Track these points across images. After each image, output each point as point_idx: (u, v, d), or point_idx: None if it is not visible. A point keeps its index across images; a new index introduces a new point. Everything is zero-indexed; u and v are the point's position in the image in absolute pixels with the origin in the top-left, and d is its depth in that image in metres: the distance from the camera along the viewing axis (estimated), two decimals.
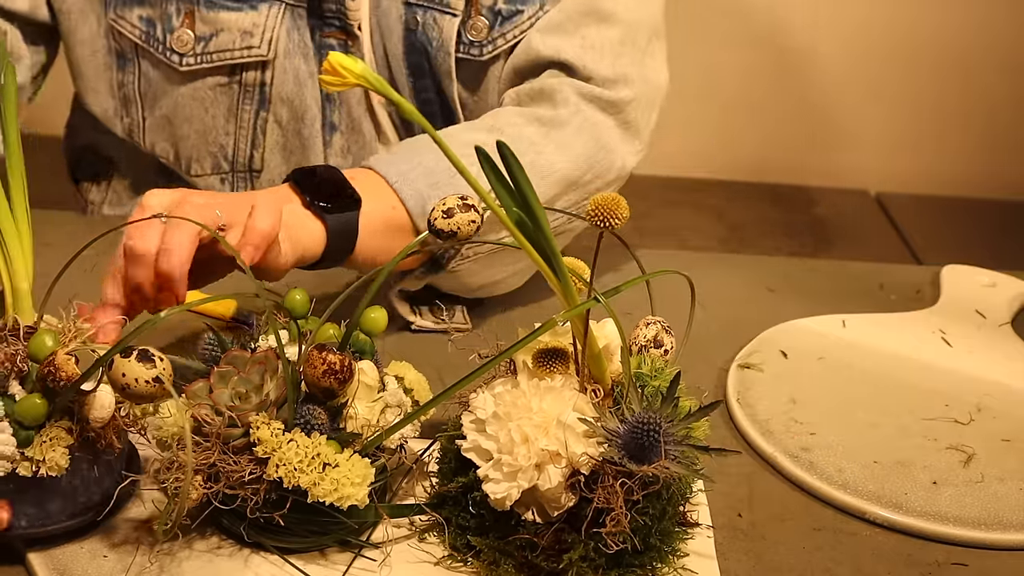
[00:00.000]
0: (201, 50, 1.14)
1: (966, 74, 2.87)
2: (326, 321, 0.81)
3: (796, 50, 2.82)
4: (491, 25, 1.15)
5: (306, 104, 1.16)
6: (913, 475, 0.92)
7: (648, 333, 0.83)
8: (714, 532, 0.83)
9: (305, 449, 0.74)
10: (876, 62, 2.84)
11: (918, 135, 2.92)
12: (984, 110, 2.90)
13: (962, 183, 2.92)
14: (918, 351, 1.09)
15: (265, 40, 1.14)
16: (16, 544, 0.77)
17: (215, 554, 0.77)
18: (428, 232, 0.77)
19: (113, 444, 0.78)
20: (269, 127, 1.17)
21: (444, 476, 0.80)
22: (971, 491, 0.91)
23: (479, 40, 1.15)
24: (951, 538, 0.87)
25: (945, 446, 0.96)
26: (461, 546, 0.79)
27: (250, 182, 1.20)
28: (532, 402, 0.75)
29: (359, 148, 1.19)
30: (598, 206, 0.72)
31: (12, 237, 0.76)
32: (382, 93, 0.64)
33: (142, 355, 0.72)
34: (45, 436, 0.75)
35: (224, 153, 1.19)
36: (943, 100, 2.90)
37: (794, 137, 2.91)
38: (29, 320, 0.78)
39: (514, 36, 1.16)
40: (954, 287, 1.20)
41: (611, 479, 0.73)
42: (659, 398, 0.76)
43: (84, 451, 0.77)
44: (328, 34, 1.15)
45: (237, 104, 1.17)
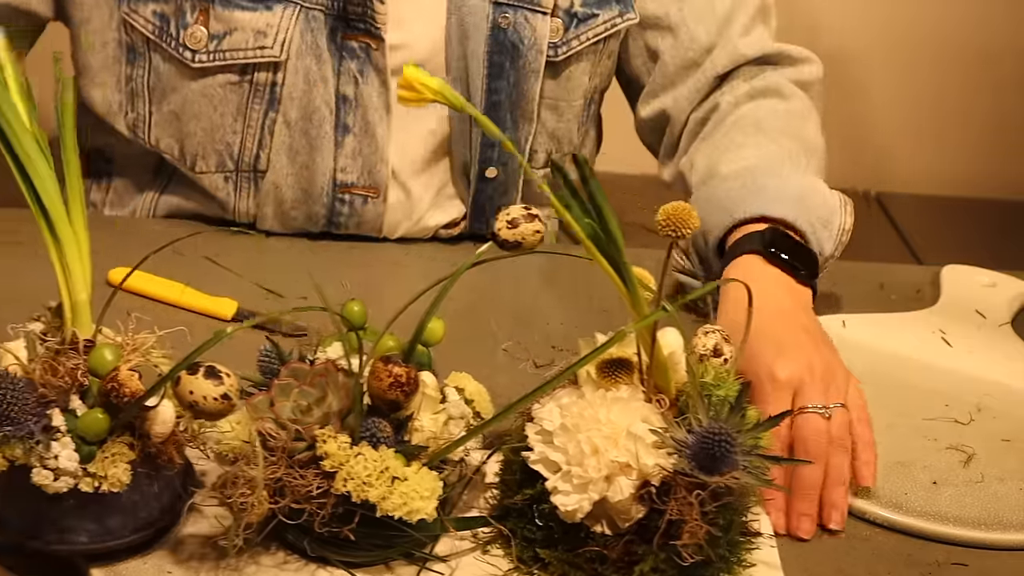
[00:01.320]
0: (214, 48, 1.13)
1: (966, 74, 2.87)
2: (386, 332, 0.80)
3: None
4: (566, 27, 1.19)
5: (315, 105, 1.16)
6: (913, 475, 0.92)
7: (708, 342, 0.82)
8: None
9: (373, 463, 0.74)
10: (876, 62, 2.84)
11: (918, 135, 2.93)
12: (984, 110, 2.91)
13: (962, 183, 2.93)
14: (918, 351, 1.09)
15: (278, 41, 1.13)
16: (78, 560, 0.76)
17: (281, 569, 0.77)
18: (491, 243, 0.76)
19: (174, 459, 0.77)
20: (277, 128, 1.17)
21: (508, 488, 0.80)
22: (971, 491, 0.91)
23: (554, 41, 1.18)
24: (951, 538, 0.87)
25: (945, 446, 0.96)
26: (527, 558, 0.78)
27: (254, 182, 1.20)
28: (600, 413, 0.75)
29: (371, 152, 1.18)
30: (669, 216, 0.71)
31: (71, 248, 0.75)
32: (460, 109, 0.64)
33: (209, 371, 0.71)
34: (107, 452, 0.74)
35: (230, 152, 1.19)
36: (943, 100, 2.90)
37: None
38: (88, 333, 0.77)
39: (587, 39, 1.20)
40: (954, 287, 1.21)
41: (683, 490, 0.73)
42: (725, 407, 0.76)
43: (144, 466, 0.76)
44: (350, 36, 1.15)
45: (246, 103, 1.16)
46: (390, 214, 1.22)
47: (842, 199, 1.12)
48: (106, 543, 0.76)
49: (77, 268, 0.76)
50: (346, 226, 1.22)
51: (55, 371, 0.74)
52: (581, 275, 1.16)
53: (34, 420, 0.72)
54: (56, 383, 0.73)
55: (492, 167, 1.22)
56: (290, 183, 1.18)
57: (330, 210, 1.20)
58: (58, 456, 0.72)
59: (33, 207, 0.74)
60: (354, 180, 1.19)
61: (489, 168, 1.22)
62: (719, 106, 1.22)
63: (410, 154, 1.21)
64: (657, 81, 1.25)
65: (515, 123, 1.20)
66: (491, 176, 1.22)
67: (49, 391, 0.73)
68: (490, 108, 1.19)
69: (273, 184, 1.19)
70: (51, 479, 0.72)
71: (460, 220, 1.26)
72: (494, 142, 1.20)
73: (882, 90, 2.87)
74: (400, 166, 1.21)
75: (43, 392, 0.73)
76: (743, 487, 0.75)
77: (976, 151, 2.94)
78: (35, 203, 0.74)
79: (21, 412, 0.72)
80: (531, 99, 1.20)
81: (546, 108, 1.23)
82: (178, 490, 0.79)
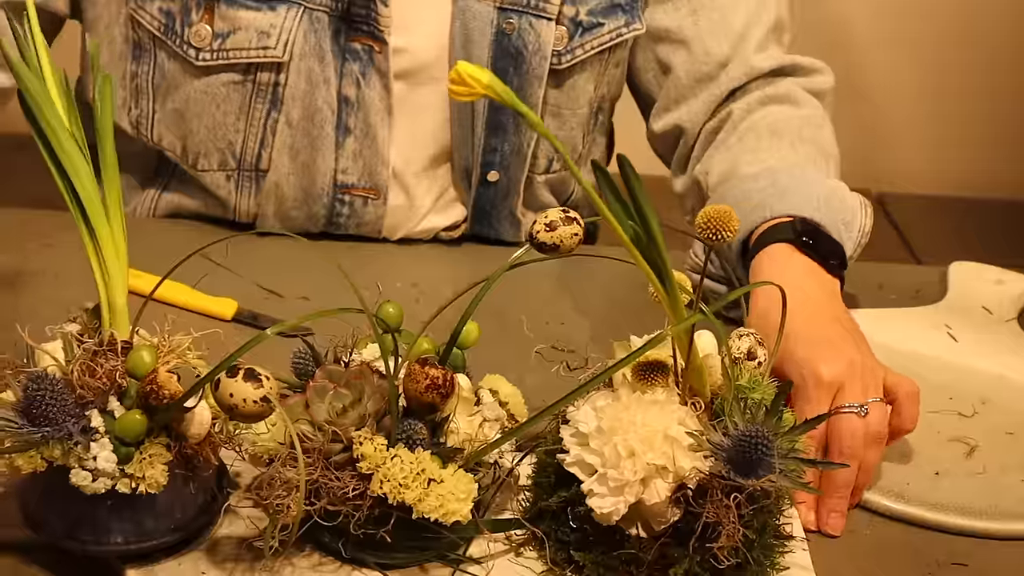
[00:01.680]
0: (218, 46, 1.14)
1: (967, 74, 2.87)
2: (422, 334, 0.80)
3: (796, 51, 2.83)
4: (571, 35, 1.19)
5: (317, 106, 1.16)
6: (915, 466, 0.93)
7: (742, 345, 0.82)
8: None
9: (410, 465, 0.74)
10: (876, 62, 2.84)
11: (918, 135, 2.93)
12: (985, 110, 2.91)
13: (962, 183, 2.93)
14: (924, 345, 1.10)
15: (281, 42, 1.13)
16: (113, 561, 0.76)
17: (316, 571, 0.77)
18: (529, 245, 0.76)
19: (209, 460, 0.78)
20: (279, 128, 1.17)
21: (542, 490, 0.80)
22: (973, 482, 0.92)
23: (558, 49, 1.18)
24: (951, 527, 0.88)
25: (948, 438, 0.97)
26: (561, 560, 0.78)
27: (256, 181, 1.20)
28: (636, 416, 0.75)
29: (372, 155, 1.19)
30: (710, 219, 0.72)
31: (110, 251, 0.75)
32: (509, 104, 0.64)
33: (249, 374, 0.71)
34: (145, 453, 0.74)
35: (232, 150, 1.19)
36: (944, 100, 2.90)
37: None
38: (125, 335, 0.77)
39: (592, 48, 1.20)
40: (961, 283, 1.21)
41: (719, 493, 0.73)
42: (761, 410, 0.76)
43: (180, 468, 0.76)
44: (355, 39, 1.15)
45: (249, 103, 1.16)
46: (390, 216, 1.22)
47: (862, 202, 1.13)
48: (142, 544, 0.76)
49: (115, 269, 0.76)
50: (346, 227, 1.22)
51: (93, 372, 0.74)
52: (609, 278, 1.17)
53: (72, 421, 0.72)
54: (94, 384, 0.74)
55: (494, 171, 1.22)
56: (291, 183, 1.19)
57: (330, 210, 1.20)
58: (96, 457, 0.73)
59: (72, 207, 0.74)
60: (355, 181, 1.19)
61: (491, 172, 1.22)
62: (732, 113, 1.22)
63: (412, 157, 1.21)
64: (670, 95, 1.25)
65: (517, 128, 1.20)
66: (493, 180, 1.22)
67: (87, 392, 0.73)
68: (493, 112, 1.19)
69: (274, 183, 1.19)
70: (89, 480, 0.73)
71: (461, 223, 1.26)
72: (496, 146, 1.20)
73: (882, 90, 2.88)
74: (402, 169, 1.21)
75: (81, 393, 0.73)
76: (779, 490, 0.75)
77: (976, 151, 2.95)
78: (74, 204, 0.74)
79: (59, 413, 0.72)
80: (533, 105, 1.19)
81: (549, 115, 1.23)
82: (213, 491, 0.79)
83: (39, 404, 0.72)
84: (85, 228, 0.74)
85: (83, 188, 0.74)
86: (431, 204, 1.24)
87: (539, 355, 0.85)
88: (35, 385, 0.72)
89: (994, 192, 2.93)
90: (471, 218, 1.26)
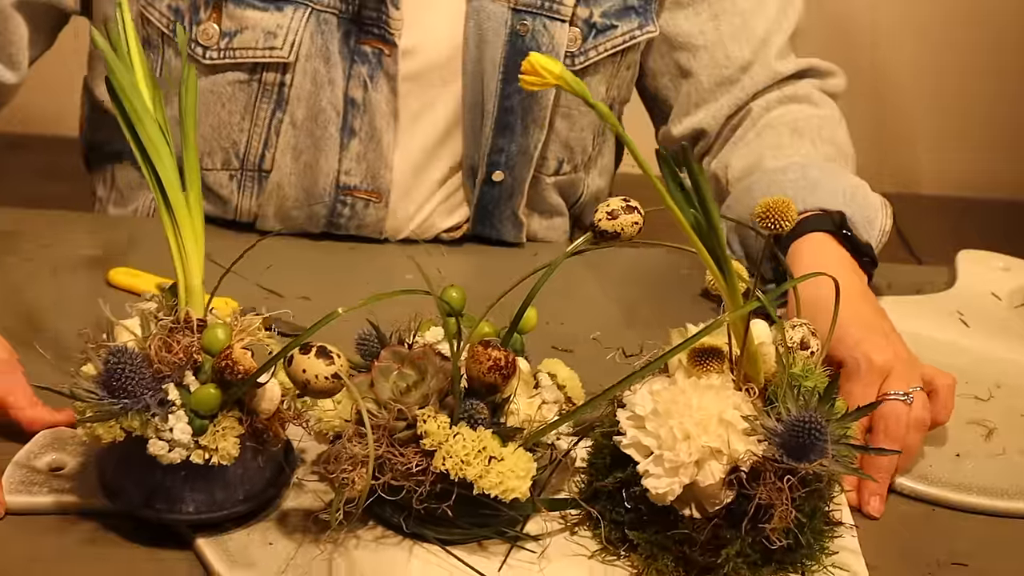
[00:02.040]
0: (225, 45, 1.15)
1: (966, 74, 2.87)
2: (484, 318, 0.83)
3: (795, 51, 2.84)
4: (584, 36, 1.19)
5: (321, 107, 1.17)
6: (937, 448, 0.95)
7: (795, 335, 0.84)
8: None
9: (472, 442, 0.76)
10: (875, 63, 2.84)
11: (918, 135, 2.93)
12: (985, 111, 2.90)
13: (962, 183, 2.92)
14: (937, 331, 1.13)
15: (288, 43, 1.15)
16: (183, 530, 0.79)
17: (379, 543, 0.80)
18: (591, 233, 0.78)
19: (278, 435, 0.80)
20: (284, 128, 1.18)
21: (598, 472, 0.82)
22: (993, 463, 0.94)
23: (572, 50, 1.19)
24: (975, 507, 0.90)
25: (967, 421, 0.99)
26: (615, 540, 0.81)
27: (258, 181, 1.21)
28: (692, 400, 0.77)
29: (375, 157, 1.19)
30: (768, 209, 0.74)
31: (189, 235, 0.79)
32: (578, 95, 0.66)
33: (321, 351, 0.74)
34: (218, 426, 0.77)
35: (236, 150, 1.20)
36: (943, 100, 2.90)
37: None
38: (200, 313, 0.80)
39: (605, 50, 1.21)
40: (970, 271, 1.24)
41: (772, 476, 0.75)
42: (814, 397, 0.78)
43: (251, 441, 0.79)
44: (364, 41, 1.16)
45: (254, 103, 1.17)
46: (391, 218, 1.23)
47: (883, 202, 1.15)
48: (212, 514, 0.79)
49: (193, 251, 0.79)
50: (346, 228, 1.22)
51: (170, 348, 0.77)
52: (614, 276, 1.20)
53: (150, 394, 0.76)
54: (171, 359, 0.77)
55: (499, 171, 1.22)
56: (293, 183, 1.20)
57: (331, 211, 1.21)
58: (172, 428, 0.76)
59: (154, 192, 0.78)
60: (357, 183, 1.20)
61: (496, 172, 1.22)
62: (751, 110, 1.24)
63: (416, 159, 1.22)
64: (691, 98, 1.26)
65: (525, 129, 1.21)
66: (498, 180, 1.23)
67: (164, 367, 0.77)
68: (503, 113, 1.19)
69: (276, 184, 1.20)
70: (166, 450, 0.76)
71: (463, 223, 1.27)
72: (503, 146, 1.21)
73: (882, 92, 2.87)
74: (404, 172, 1.22)
75: (158, 368, 0.76)
76: (830, 475, 0.77)
77: (976, 152, 2.94)
78: (156, 188, 0.77)
79: (138, 386, 0.75)
80: (544, 106, 1.20)
81: (560, 116, 1.23)
82: (281, 465, 0.82)
83: (119, 377, 0.75)
84: (165, 210, 0.78)
85: (164, 172, 0.77)
86: (434, 207, 1.25)
87: (595, 341, 0.87)
88: (115, 359, 0.75)
89: (994, 192, 2.92)
90: (473, 218, 1.26)
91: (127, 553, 0.79)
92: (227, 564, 0.77)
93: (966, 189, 2.90)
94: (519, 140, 1.21)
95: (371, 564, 0.78)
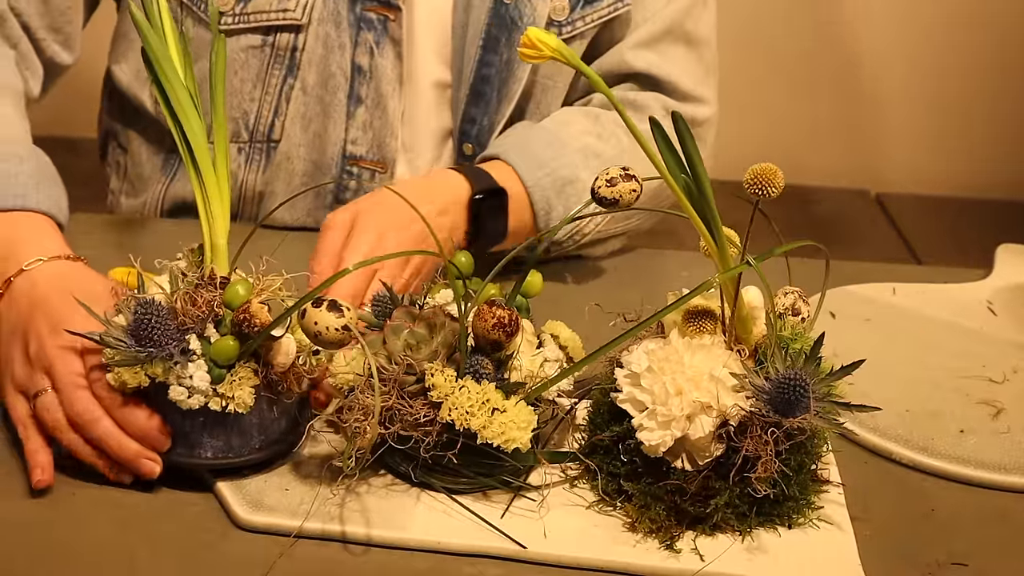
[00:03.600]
0: (240, 11, 1.17)
1: (966, 74, 2.87)
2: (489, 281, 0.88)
3: (795, 51, 2.85)
4: (572, 7, 1.21)
5: (331, 72, 1.18)
6: (942, 424, 0.98)
7: (786, 301, 0.88)
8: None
9: (476, 395, 0.81)
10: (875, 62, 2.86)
11: (918, 135, 2.94)
12: (985, 110, 2.89)
13: (962, 183, 2.93)
14: (964, 317, 1.16)
15: (300, 4, 1.17)
16: (202, 474, 0.84)
17: (389, 490, 0.84)
18: (591, 200, 0.83)
19: (293, 388, 0.85)
20: (294, 94, 1.20)
21: (596, 427, 0.86)
22: (996, 440, 0.96)
23: (558, 20, 1.21)
24: (972, 480, 0.92)
25: (977, 400, 1.02)
26: (612, 491, 0.85)
27: (267, 154, 1.23)
28: (684, 358, 0.82)
29: (381, 125, 1.21)
30: (756, 175, 0.78)
31: (215, 197, 0.84)
32: (574, 66, 0.71)
33: (332, 305, 0.78)
34: (235, 376, 0.82)
35: (246, 120, 1.22)
36: (943, 100, 2.91)
37: (794, 137, 2.93)
38: (224, 271, 0.85)
39: (592, 20, 1.22)
40: (1006, 263, 1.28)
41: (759, 430, 0.80)
42: (801, 358, 0.82)
43: (267, 392, 0.84)
44: (369, 8, 1.18)
45: (266, 69, 1.19)
46: None
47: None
48: (229, 460, 0.84)
49: (219, 213, 0.85)
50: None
51: (194, 302, 0.82)
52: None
53: (174, 344, 0.81)
54: (194, 312, 0.82)
55: (469, 143, 1.24)
56: (302, 154, 1.22)
57: (337, 184, 1.23)
58: (192, 376, 0.81)
59: (185, 157, 0.83)
60: (363, 153, 1.22)
61: (467, 144, 1.24)
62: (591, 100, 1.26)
63: (417, 129, 1.24)
64: None
65: (499, 101, 1.22)
66: (468, 153, 1.24)
67: (188, 319, 0.82)
68: (479, 81, 1.21)
69: (285, 155, 1.22)
70: (185, 396, 0.81)
71: None
72: (475, 116, 1.22)
73: (882, 91, 2.89)
74: (409, 142, 1.24)
75: (183, 320, 0.82)
76: (814, 430, 0.81)
77: (976, 151, 2.95)
78: (186, 151, 0.82)
79: (163, 336, 0.80)
80: (519, 79, 1.21)
81: (539, 88, 1.24)
82: (295, 418, 0.87)
83: (146, 327, 0.80)
84: (194, 173, 0.83)
85: (194, 137, 0.82)
86: None
87: (596, 308, 0.91)
88: (143, 310, 0.80)
89: (994, 192, 2.93)
90: None
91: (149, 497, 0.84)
92: (246, 507, 0.82)
93: (966, 189, 2.92)
94: (491, 114, 1.22)
95: (380, 509, 0.82)
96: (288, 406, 0.86)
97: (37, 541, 0.78)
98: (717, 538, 0.82)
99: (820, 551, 0.82)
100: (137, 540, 0.79)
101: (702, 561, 0.80)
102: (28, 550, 0.77)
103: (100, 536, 0.79)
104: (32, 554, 0.77)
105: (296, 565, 0.78)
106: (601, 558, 0.80)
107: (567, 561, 0.80)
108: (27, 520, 0.80)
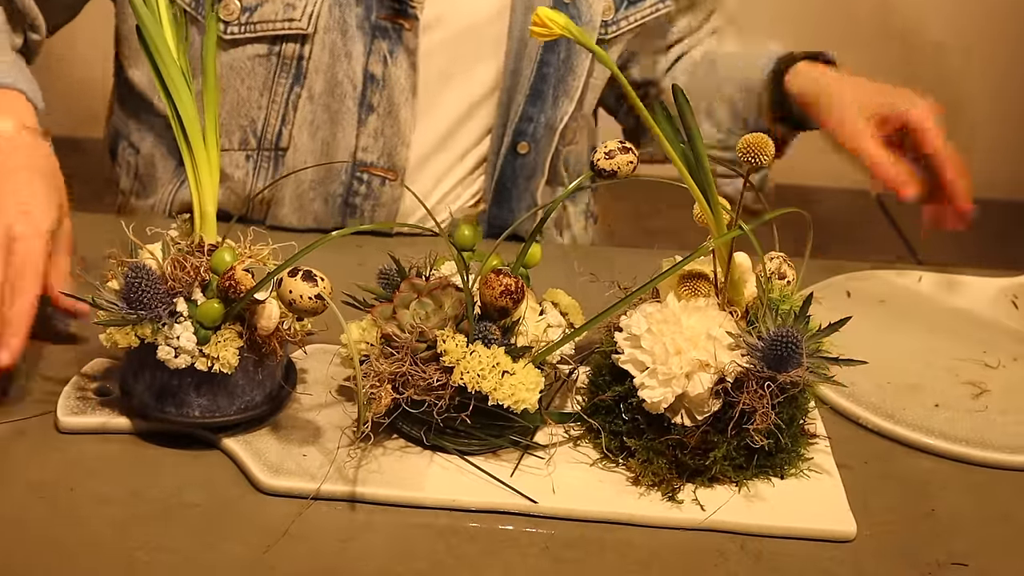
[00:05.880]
0: (245, 20, 1.17)
1: (966, 74, 2.93)
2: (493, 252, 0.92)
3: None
4: (616, 7, 1.26)
5: (337, 80, 1.19)
6: (919, 397, 1.00)
7: (772, 266, 0.93)
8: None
9: (487, 358, 0.85)
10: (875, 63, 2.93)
11: None
12: (984, 110, 2.96)
13: None
14: (982, 308, 1.18)
15: (306, 14, 1.17)
16: (200, 433, 0.88)
17: (403, 452, 0.88)
18: (590, 171, 0.87)
19: (276, 351, 0.89)
20: (301, 103, 1.20)
21: (598, 388, 0.91)
22: (969, 417, 0.98)
23: (605, 19, 1.25)
24: (934, 449, 0.94)
25: (963, 381, 1.04)
26: (614, 448, 0.90)
27: (275, 162, 1.23)
28: (682, 319, 0.86)
29: (393, 133, 1.22)
30: (749, 144, 0.83)
31: (204, 166, 0.87)
32: (582, 44, 0.75)
33: (306, 275, 0.82)
34: (220, 337, 0.86)
35: (254, 128, 1.22)
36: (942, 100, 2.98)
37: None
38: (212, 239, 0.89)
39: (635, 20, 1.28)
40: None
41: (755, 385, 0.84)
42: (791, 317, 0.87)
43: (252, 354, 0.87)
44: (385, 16, 1.19)
45: (273, 77, 1.20)
46: (407, 198, 1.25)
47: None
48: (215, 418, 0.88)
49: (207, 183, 0.88)
50: (362, 208, 1.24)
51: (183, 267, 0.86)
52: None
53: (163, 307, 0.85)
54: (182, 277, 0.86)
55: (525, 142, 1.25)
56: (310, 162, 1.22)
57: (347, 189, 1.23)
58: (179, 337, 0.85)
59: (176, 129, 0.86)
60: (374, 160, 1.22)
61: (521, 143, 1.25)
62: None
63: (434, 136, 1.25)
64: None
65: (556, 100, 1.24)
66: (522, 152, 1.26)
67: (177, 284, 0.86)
68: (538, 80, 1.23)
69: (293, 163, 1.22)
70: (172, 355, 0.85)
71: (479, 202, 1.29)
72: (533, 115, 1.24)
73: None
74: (422, 150, 1.25)
75: (172, 284, 0.86)
76: (805, 383, 0.86)
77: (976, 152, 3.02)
78: (178, 126, 0.86)
79: (152, 299, 0.85)
80: (578, 75, 1.24)
81: (591, 89, 1.29)
82: (280, 382, 0.91)
83: (136, 291, 0.84)
84: (185, 145, 0.87)
85: (185, 111, 0.86)
86: (452, 184, 1.28)
87: (592, 279, 0.96)
88: (134, 274, 0.84)
89: (994, 192, 3.00)
90: (490, 199, 1.28)
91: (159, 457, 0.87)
92: (267, 472, 0.85)
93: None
94: (548, 112, 1.25)
95: (396, 471, 0.86)
96: (272, 370, 0.90)
97: (34, 538, 0.79)
98: (716, 489, 0.87)
99: (812, 498, 0.87)
100: (136, 539, 0.79)
101: (703, 511, 0.85)
102: (25, 547, 0.78)
103: (100, 536, 0.80)
104: (30, 551, 0.77)
105: (316, 524, 0.82)
106: (608, 510, 0.85)
107: (576, 514, 0.85)
108: (25, 517, 0.80)
